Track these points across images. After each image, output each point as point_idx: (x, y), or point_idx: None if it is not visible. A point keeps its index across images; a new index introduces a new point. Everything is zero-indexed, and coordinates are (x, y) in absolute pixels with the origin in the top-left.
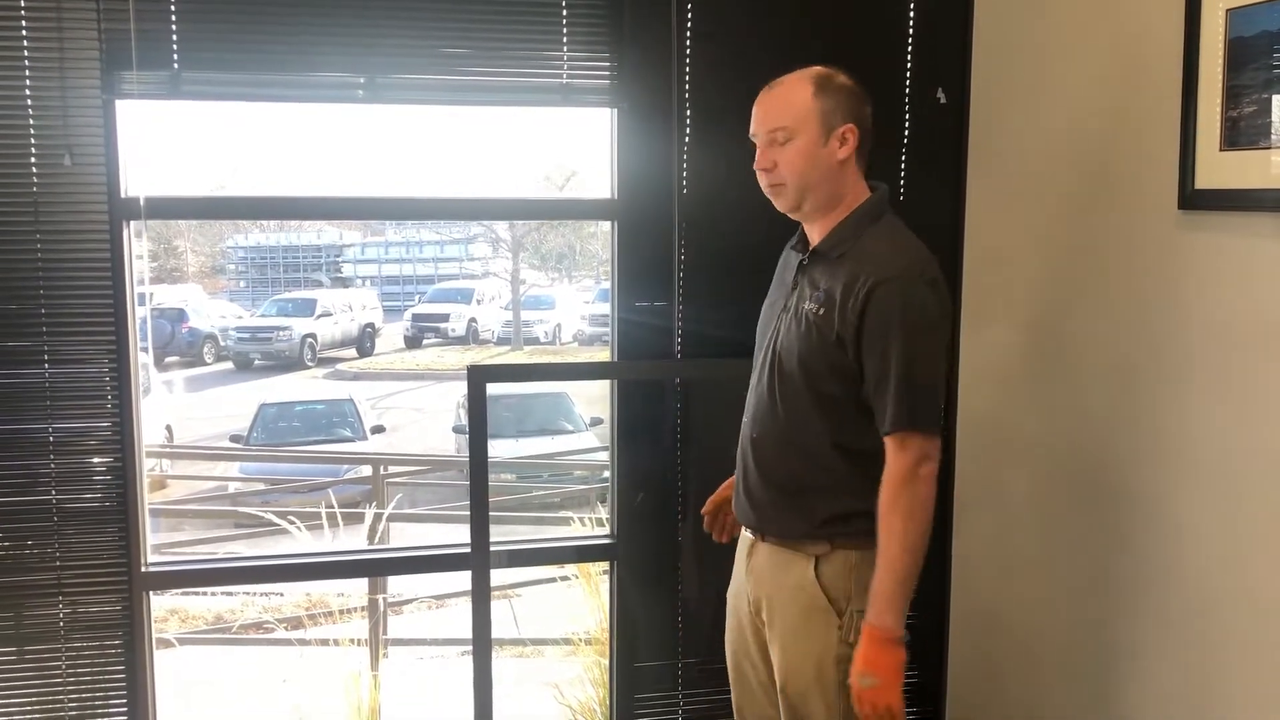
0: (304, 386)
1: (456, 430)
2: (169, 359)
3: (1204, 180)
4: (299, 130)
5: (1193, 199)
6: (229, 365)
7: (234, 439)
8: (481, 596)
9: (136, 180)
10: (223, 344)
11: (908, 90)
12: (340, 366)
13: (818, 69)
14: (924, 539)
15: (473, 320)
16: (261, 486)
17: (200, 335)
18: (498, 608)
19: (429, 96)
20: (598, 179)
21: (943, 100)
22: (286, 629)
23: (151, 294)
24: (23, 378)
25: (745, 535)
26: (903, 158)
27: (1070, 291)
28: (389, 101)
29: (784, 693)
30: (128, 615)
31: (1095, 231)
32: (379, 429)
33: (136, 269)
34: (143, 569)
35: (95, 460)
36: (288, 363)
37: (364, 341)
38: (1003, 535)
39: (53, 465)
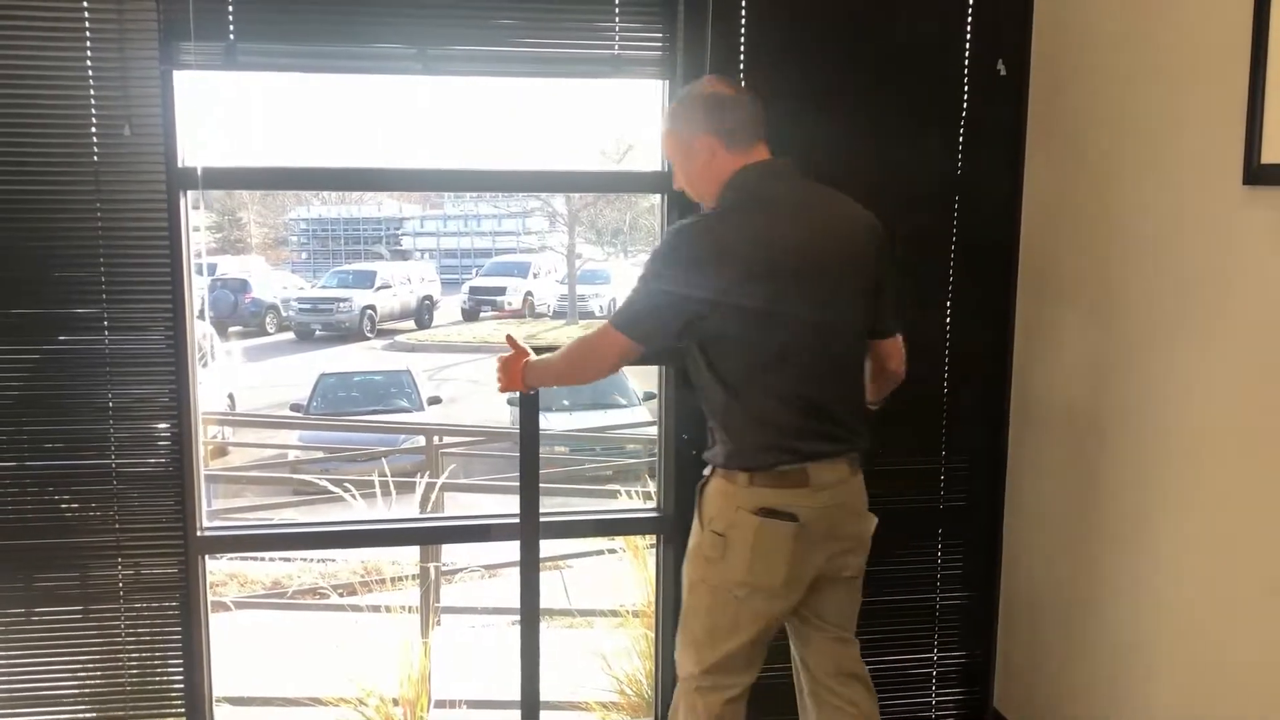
0: (363, 357)
1: (511, 402)
2: (232, 329)
3: (1271, 155)
4: (357, 102)
5: (1259, 174)
6: (290, 336)
7: (294, 408)
8: (530, 565)
9: (194, 151)
10: (284, 315)
11: (967, 63)
12: (399, 338)
13: (677, 95)
14: (569, 372)
15: (529, 294)
16: (320, 455)
17: (263, 306)
18: (548, 578)
19: (481, 68)
20: (652, 152)
21: (1003, 73)
22: (341, 595)
23: (215, 265)
24: (83, 344)
25: None
26: (960, 132)
27: (1129, 270)
28: (442, 73)
29: None
30: (184, 578)
31: (1157, 208)
32: (435, 400)
33: (194, 239)
34: (199, 533)
35: (153, 426)
36: (348, 334)
37: (422, 314)
38: (1054, 514)
39: (112, 430)
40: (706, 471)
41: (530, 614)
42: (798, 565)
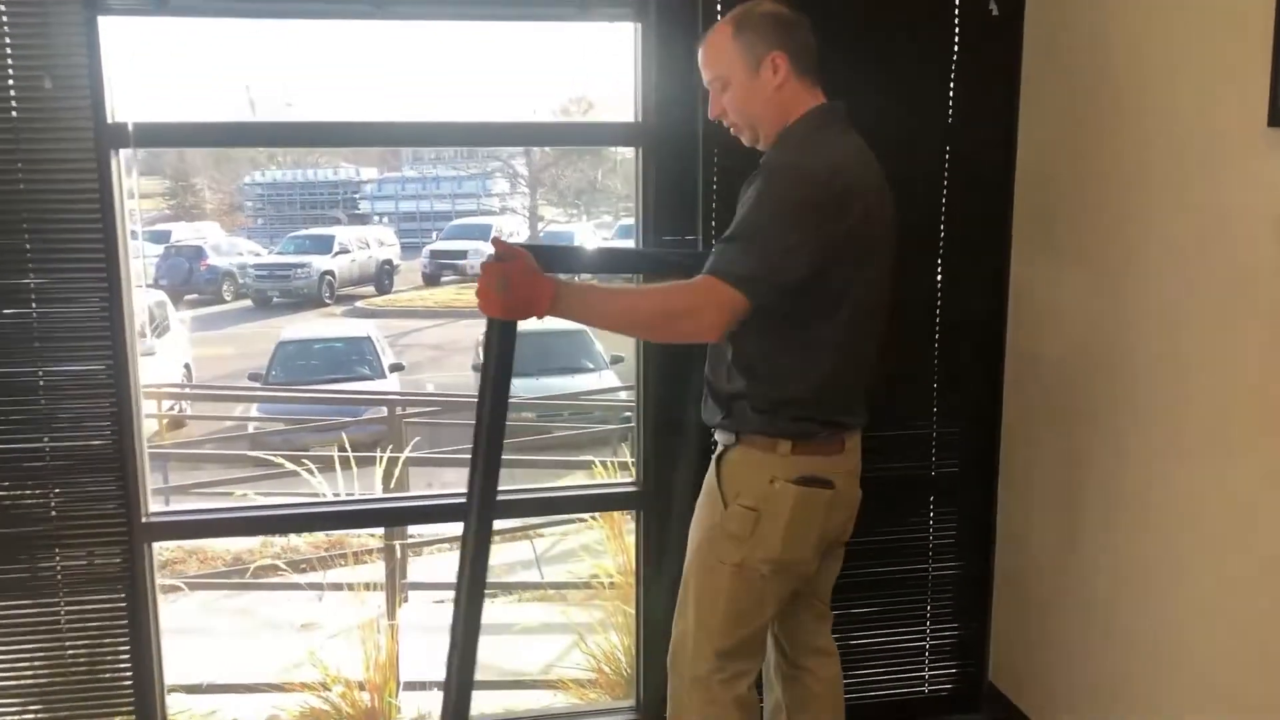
0: (323, 324)
1: (476, 369)
2: (187, 297)
3: None
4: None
5: None
6: (248, 303)
7: (253, 377)
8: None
9: (126, 106)
10: (241, 282)
11: (957, 2)
12: (359, 304)
13: (739, 8)
14: (648, 322)
15: (512, 233)
16: (281, 426)
17: (219, 273)
18: (519, 549)
19: (438, 11)
20: (618, 106)
21: (995, 12)
22: (305, 569)
23: (170, 232)
24: (9, 318)
25: None
26: (951, 76)
27: (1136, 223)
28: (397, 17)
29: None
30: (129, 567)
31: (1170, 155)
32: (398, 367)
33: (131, 202)
34: (143, 519)
35: (90, 404)
36: (306, 300)
37: (382, 279)
38: (1051, 481)
39: (44, 410)
40: (725, 442)
41: (474, 591)
42: (825, 534)
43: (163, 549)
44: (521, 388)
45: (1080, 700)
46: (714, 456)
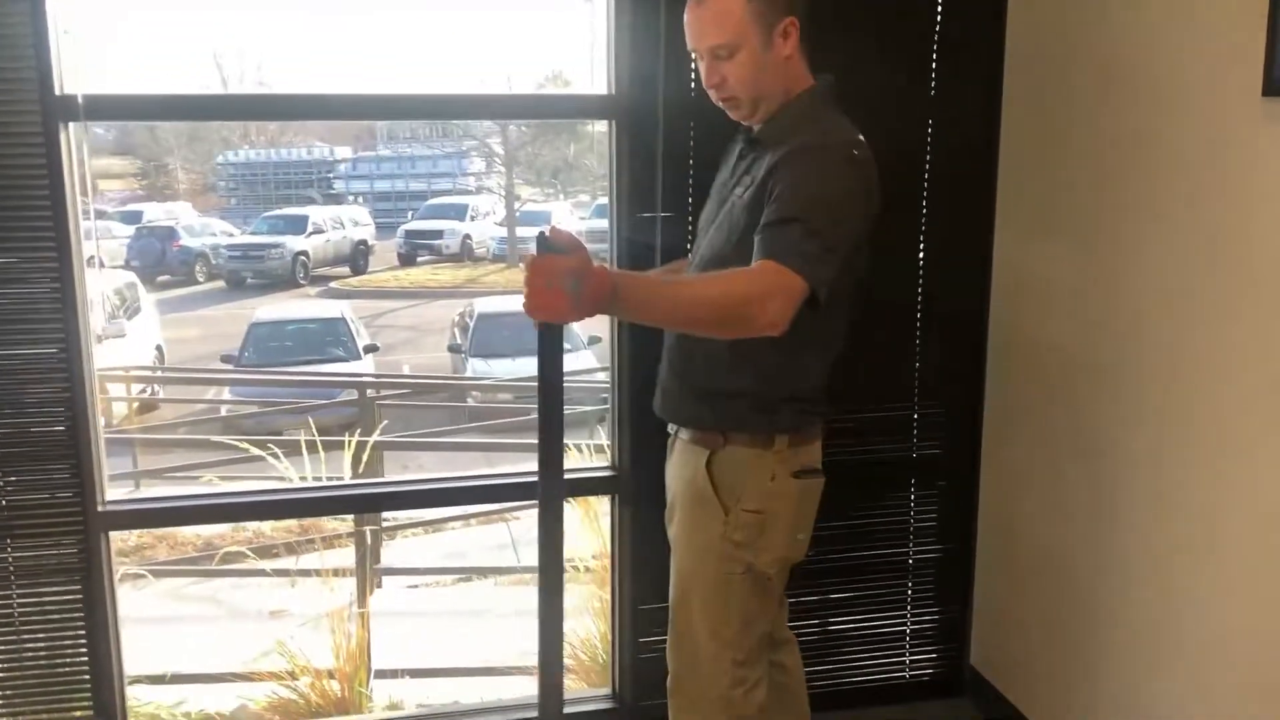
0: (297, 305)
1: (451, 349)
2: (160, 278)
3: None
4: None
5: None
6: (221, 284)
7: (225, 359)
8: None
9: (76, 77)
10: (214, 262)
11: None
12: (334, 285)
13: None
14: (713, 316)
15: (467, 237)
16: (254, 409)
17: (192, 254)
18: (496, 531)
19: None
20: (593, 78)
21: None
22: (280, 555)
23: (141, 213)
24: None
25: (669, 433)
26: (934, 48)
27: (1126, 195)
28: None
29: (671, 593)
30: (85, 557)
31: (1160, 126)
32: (373, 348)
33: (80, 177)
34: (99, 508)
35: (40, 390)
36: (280, 281)
37: (357, 259)
38: (1035, 463)
39: None
40: (710, 444)
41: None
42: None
43: (130, 534)
44: (499, 369)
45: (1063, 685)
46: (698, 460)
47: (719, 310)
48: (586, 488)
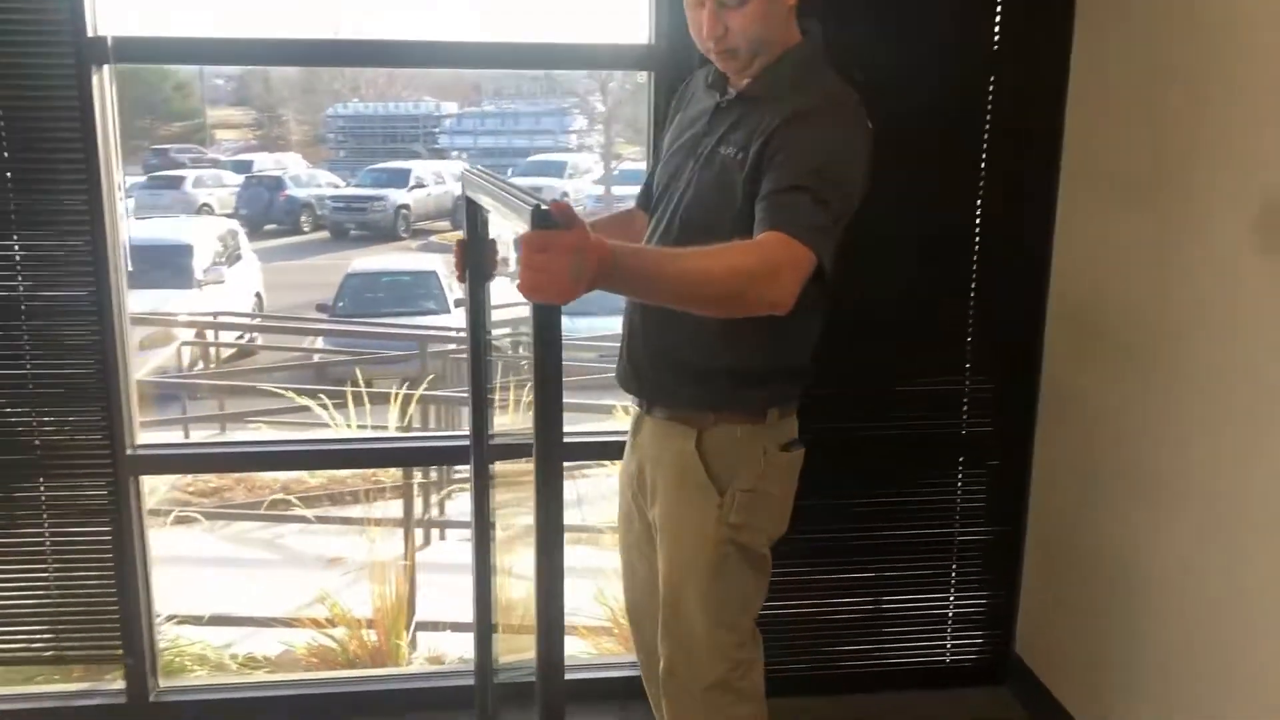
0: (394, 258)
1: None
2: (267, 227)
3: None
4: None
5: None
6: (325, 235)
7: (320, 308)
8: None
9: (112, 18)
10: (319, 213)
11: None
12: (433, 239)
13: None
14: (705, 294)
15: (564, 194)
16: (345, 357)
17: (298, 204)
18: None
19: None
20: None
21: None
22: (350, 501)
23: (252, 162)
24: None
25: (633, 409)
26: (998, 4)
27: (1196, 163)
28: None
29: (662, 584)
30: (114, 500)
31: (1240, 87)
32: (463, 301)
33: (111, 119)
34: (128, 452)
35: (72, 332)
36: (382, 233)
37: (457, 213)
38: (1093, 444)
39: (26, 337)
40: (698, 423)
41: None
42: None
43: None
44: (583, 326)
45: (1111, 682)
46: (683, 441)
47: (726, 286)
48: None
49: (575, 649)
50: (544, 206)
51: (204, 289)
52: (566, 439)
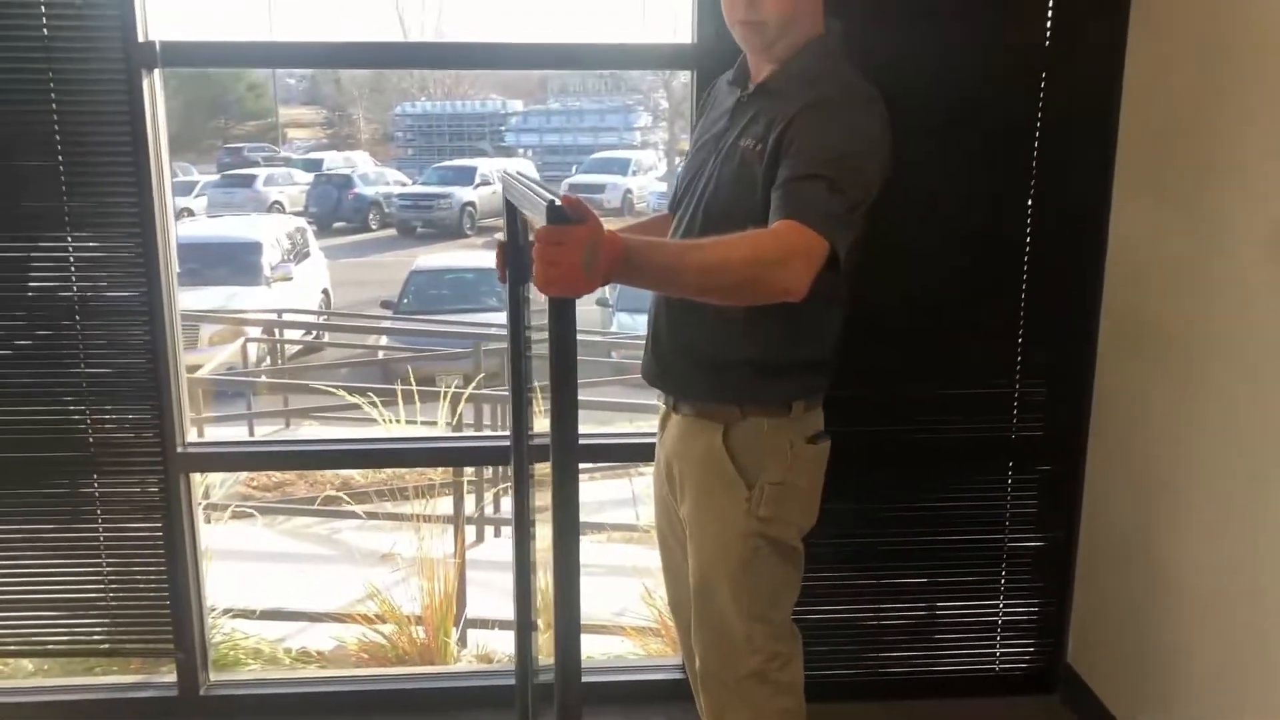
0: (459, 255)
1: (599, 303)
2: (336, 224)
3: None
4: None
5: None
6: (392, 232)
7: (385, 305)
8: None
9: (157, 23)
10: (387, 211)
11: None
12: (498, 236)
13: None
14: (722, 283)
15: (628, 191)
16: (409, 353)
17: (366, 201)
18: (618, 486)
19: None
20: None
21: None
22: (379, 498)
23: (322, 160)
24: (45, 239)
25: (661, 406)
26: (1050, 3)
27: (1256, 166)
28: None
29: (692, 578)
30: (165, 496)
31: None
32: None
33: (161, 122)
34: (179, 449)
35: (124, 331)
36: (449, 230)
37: None
38: (1147, 448)
39: (81, 337)
40: (725, 417)
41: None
42: None
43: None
44: (625, 322)
45: (1165, 694)
46: (711, 436)
47: (740, 274)
48: None
49: (622, 649)
50: (557, 202)
51: (272, 285)
52: (610, 439)
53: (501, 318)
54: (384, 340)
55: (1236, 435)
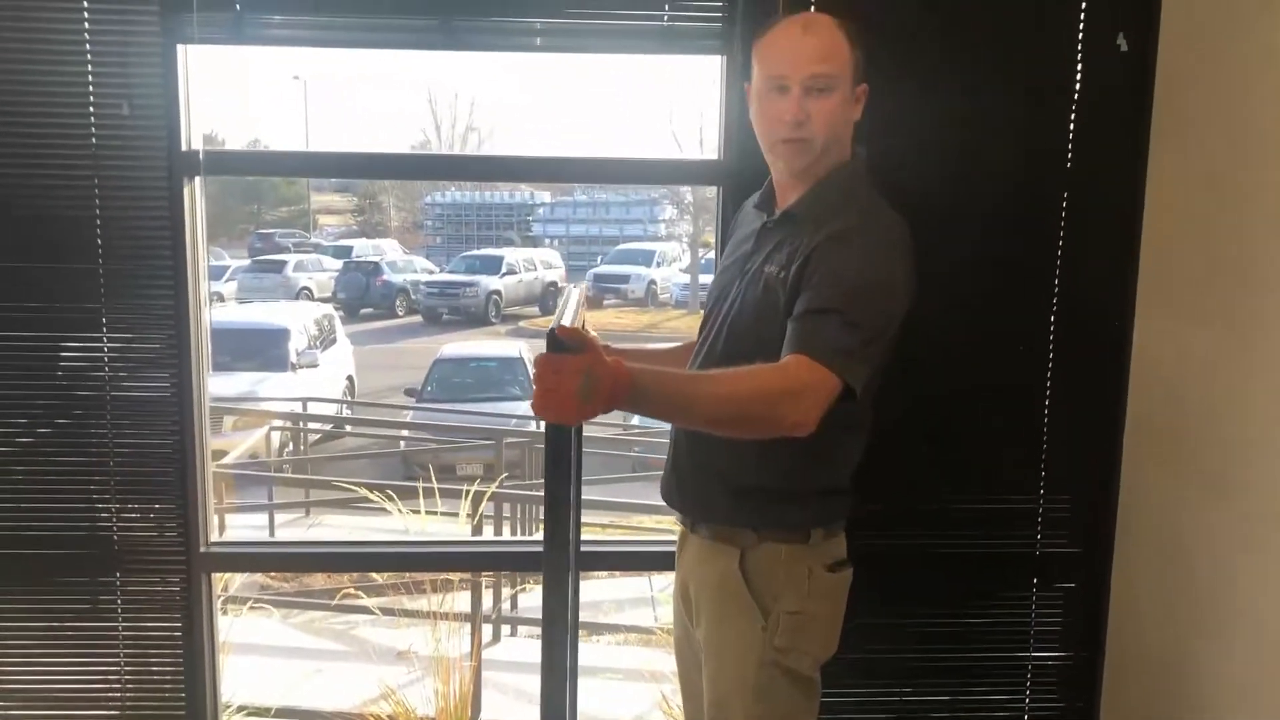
0: (484, 344)
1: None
2: (363, 310)
3: None
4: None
5: None
6: (418, 319)
7: (408, 393)
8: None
9: (200, 132)
10: (414, 298)
11: (1081, 34)
12: (522, 324)
13: (837, 19)
14: (727, 414)
15: (652, 282)
16: (431, 444)
17: (394, 289)
18: (635, 584)
19: (508, 42)
20: (708, 138)
21: (1124, 48)
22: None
23: (351, 248)
24: (79, 341)
25: (679, 527)
26: (1072, 118)
27: (1268, 278)
28: (467, 48)
29: (706, 701)
30: (186, 595)
31: None
32: None
33: (198, 229)
34: (201, 549)
35: (152, 434)
36: (474, 318)
37: (546, 300)
38: (1177, 565)
39: (110, 435)
40: (742, 542)
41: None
42: None
43: None
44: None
45: None
46: (728, 561)
47: (747, 409)
48: None
49: None
50: (555, 331)
51: (298, 372)
52: (632, 546)
53: (523, 408)
54: (405, 430)
55: (1264, 551)
